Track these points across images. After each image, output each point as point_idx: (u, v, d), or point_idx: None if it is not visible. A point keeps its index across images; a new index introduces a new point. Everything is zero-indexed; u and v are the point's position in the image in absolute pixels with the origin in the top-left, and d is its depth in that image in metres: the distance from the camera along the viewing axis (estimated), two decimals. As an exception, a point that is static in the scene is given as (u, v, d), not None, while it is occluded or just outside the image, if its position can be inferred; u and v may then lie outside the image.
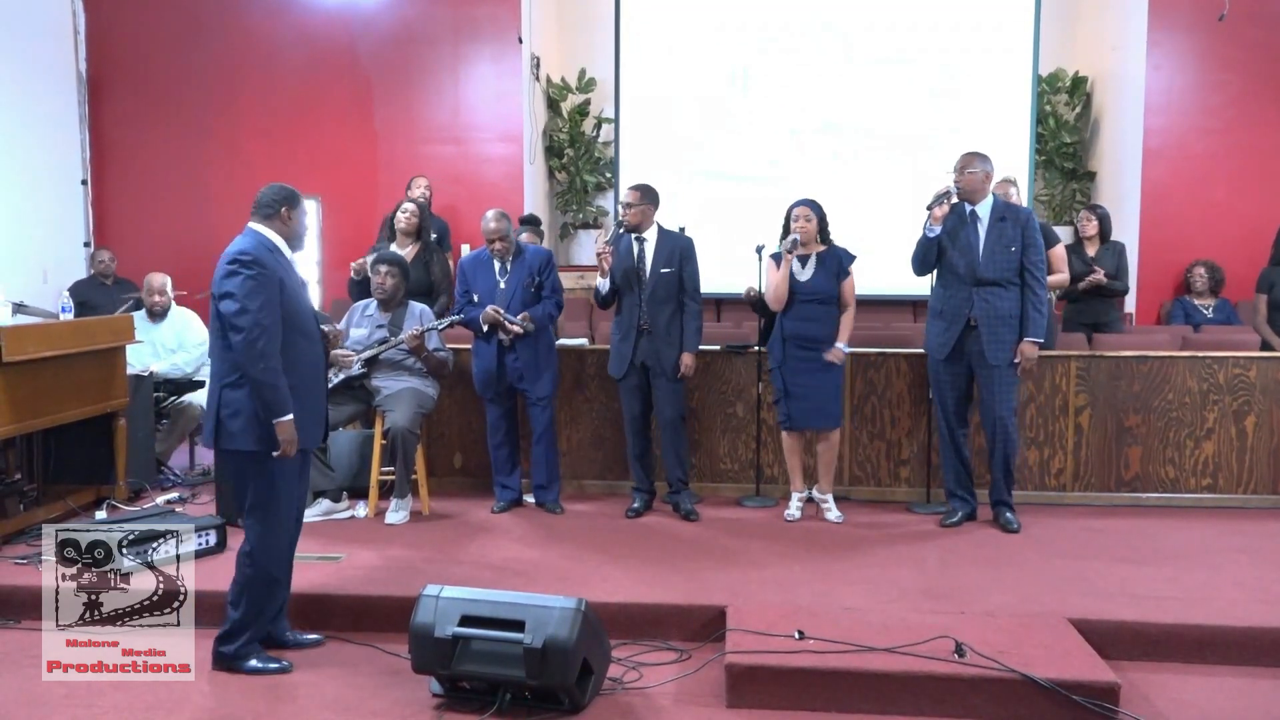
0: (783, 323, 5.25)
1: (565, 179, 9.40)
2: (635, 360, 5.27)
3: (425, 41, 8.67)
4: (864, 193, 8.25)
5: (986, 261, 4.97)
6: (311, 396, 3.68)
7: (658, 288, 5.26)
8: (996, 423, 5.04)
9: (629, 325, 5.28)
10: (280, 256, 3.60)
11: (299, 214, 3.68)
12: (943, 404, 5.19)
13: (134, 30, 8.83)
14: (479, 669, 3.27)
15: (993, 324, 4.97)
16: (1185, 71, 8.32)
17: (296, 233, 3.69)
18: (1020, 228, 4.99)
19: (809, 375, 5.17)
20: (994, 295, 4.97)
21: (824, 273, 5.18)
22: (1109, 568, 4.47)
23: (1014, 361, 4.99)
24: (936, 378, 5.20)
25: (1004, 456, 5.09)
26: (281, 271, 3.56)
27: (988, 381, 5.04)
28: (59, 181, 8.54)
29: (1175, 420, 5.60)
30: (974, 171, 5.01)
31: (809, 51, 8.52)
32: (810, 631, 3.57)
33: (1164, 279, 8.21)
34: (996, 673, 3.31)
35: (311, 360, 3.69)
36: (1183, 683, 3.58)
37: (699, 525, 5.20)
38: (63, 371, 4.98)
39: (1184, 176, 8.28)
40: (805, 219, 5.17)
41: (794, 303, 5.20)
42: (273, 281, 3.50)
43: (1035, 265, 4.99)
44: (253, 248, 3.53)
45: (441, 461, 5.90)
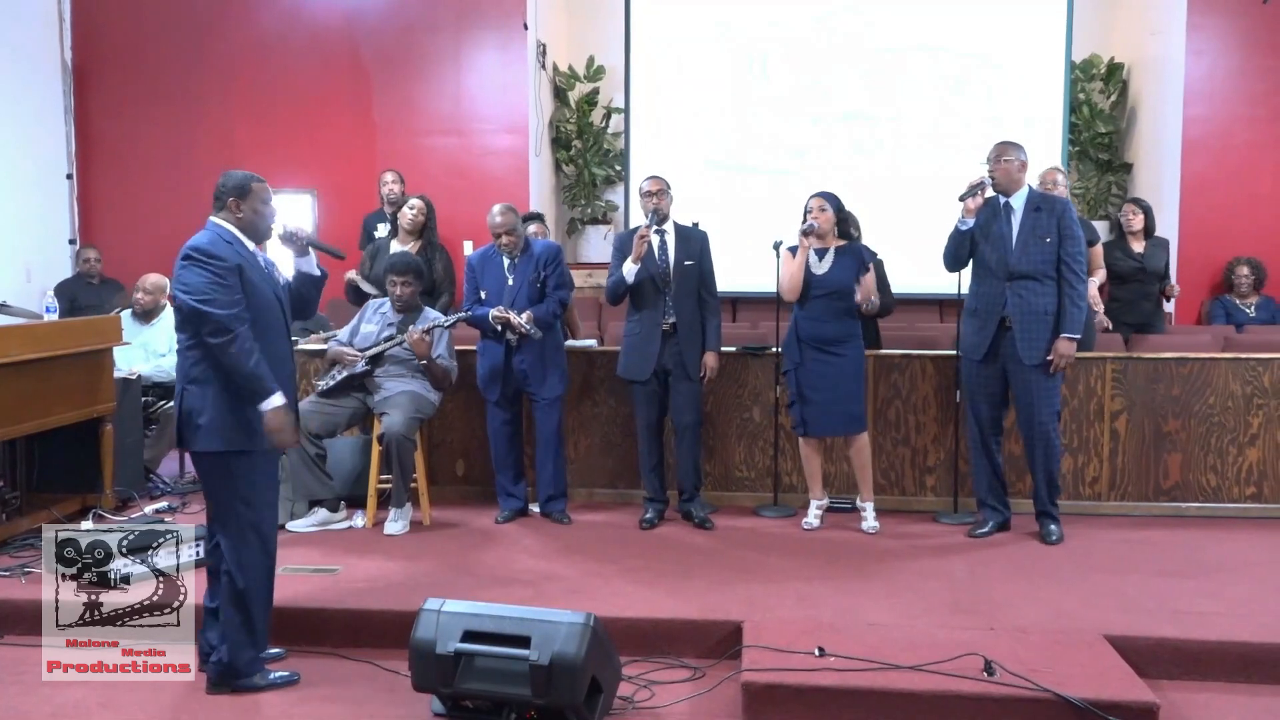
0: (798, 322, 5.25)
1: (573, 172, 9.41)
2: (660, 363, 5.27)
3: (426, 28, 8.69)
4: (888, 185, 8.25)
5: (1019, 254, 4.94)
6: (285, 390, 3.60)
7: (682, 284, 5.26)
8: (1036, 428, 5.00)
9: (653, 325, 5.27)
10: (240, 248, 3.56)
11: (251, 204, 3.60)
12: (975, 408, 5.16)
13: (122, 17, 8.87)
14: (483, 687, 3.27)
15: (1027, 321, 4.93)
16: (1228, 57, 8.29)
17: (251, 223, 3.61)
18: (1056, 218, 4.94)
19: (826, 379, 5.15)
20: (1028, 290, 4.93)
21: (841, 267, 5.17)
22: (1147, 581, 4.44)
23: (1048, 360, 4.95)
24: (970, 380, 5.17)
25: (1045, 465, 5.05)
26: (239, 260, 3.51)
27: (1024, 384, 5.00)
28: (43, 176, 8.58)
29: (1217, 425, 5.57)
30: (1009, 161, 4.98)
31: (831, 37, 8.52)
32: (831, 648, 3.56)
33: (1204, 276, 8.18)
34: (1029, 692, 3.29)
35: (276, 357, 3.60)
36: (1226, 703, 3.56)
37: (714, 536, 5.20)
38: (47, 374, 5.00)
39: (1226, 168, 8.25)
40: (820, 209, 5.18)
41: (809, 298, 5.20)
42: (229, 270, 3.46)
43: (1073, 257, 4.93)
44: (207, 242, 3.50)
45: (443, 469, 5.90)
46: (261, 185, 3.64)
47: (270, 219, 3.68)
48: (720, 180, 8.56)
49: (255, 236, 3.64)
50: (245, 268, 3.52)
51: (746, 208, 8.24)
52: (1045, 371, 4.97)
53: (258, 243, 3.65)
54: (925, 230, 5.90)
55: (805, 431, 5.28)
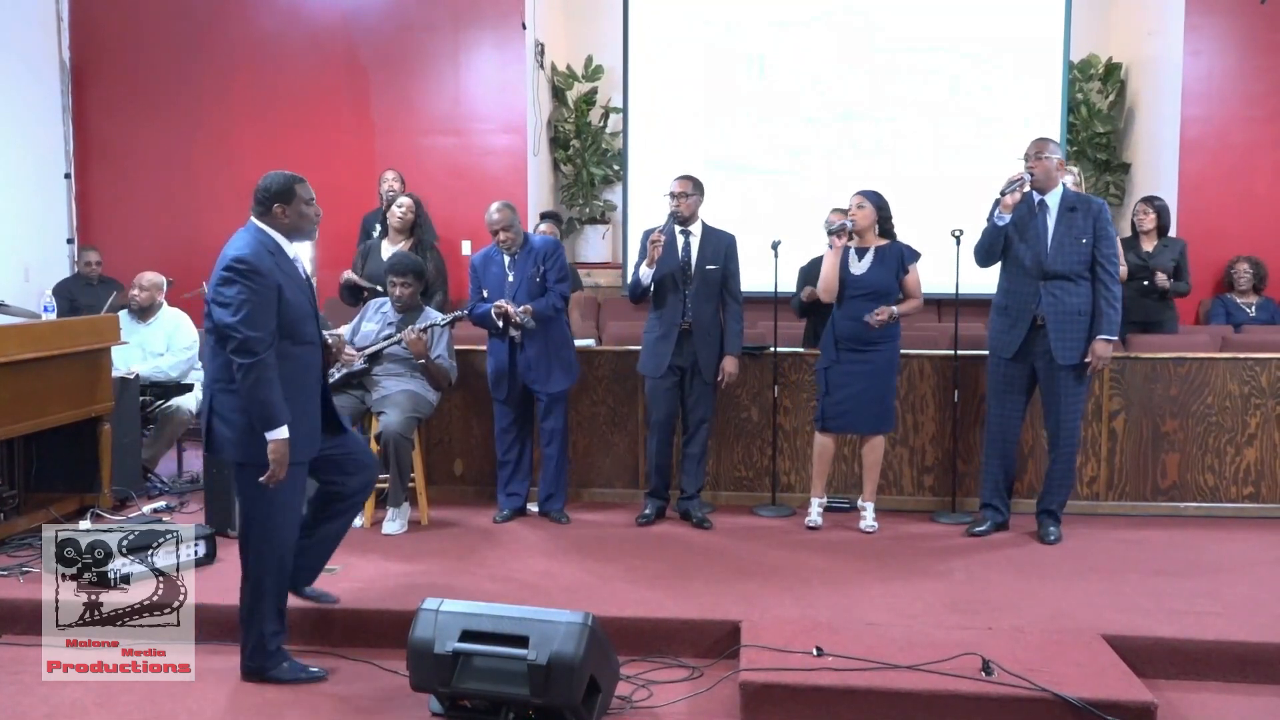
0: (835, 321, 5.23)
1: (571, 172, 9.42)
2: (675, 361, 5.27)
3: (424, 28, 8.69)
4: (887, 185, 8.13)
5: (1055, 253, 4.91)
6: (308, 406, 3.67)
7: (702, 285, 5.26)
8: (1063, 429, 5.00)
9: (671, 323, 5.27)
10: (281, 258, 3.58)
11: (295, 208, 3.62)
12: (1000, 407, 5.12)
13: (120, 16, 8.87)
14: (481, 687, 3.27)
15: (1061, 321, 4.90)
16: (1226, 57, 8.29)
17: (296, 226, 3.64)
18: (1092, 219, 4.91)
19: (860, 377, 5.13)
20: (1062, 290, 4.91)
21: (881, 268, 5.14)
22: (1145, 581, 4.45)
23: (1085, 361, 4.92)
24: (996, 377, 5.14)
25: (1066, 466, 5.06)
26: (280, 277, 3.53)
27: (1053, 385, 4.98)
28: (41, 175, 8.58)
29: (1215, 425, 5.57)
30: (1048, 158, 4.93)
31: (828, 37, 8.53)
32: (829, 648, 3.56)
33: (1203, 276, 8.16)
34: (1026, 692, 3.30)
35: (308, 368, 3.67)
36: (1223, 703, 3.57)
37: (713, 535, 5.20)
38: (45, 374, 5.00)
39: (1224, 168, 8.26)
40: (859, 206, 5.17)
41: (845, 297, 5.18)
42: (269, 289, 3.48)
43: (1108, 259, 4.90)
44: (251, 253, 3.49)
45: (441, 468, 5.90)
46: (303, 186, 3.65)
47: (313, 218, 3.70)
48: (718, 180, 8.48)
49: (298, 237, 3.68)
50: (284, 286, 3.53)
51: (744, 207, 8.23)
52: (1077, 373, 4.95)
53: (299, 242, 3.70)
54: (924, 230, 5.88)
55: (824, 426, 5.27)
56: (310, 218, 3.69)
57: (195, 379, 6.34)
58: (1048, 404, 5.07)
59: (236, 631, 3.70)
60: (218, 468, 5.07)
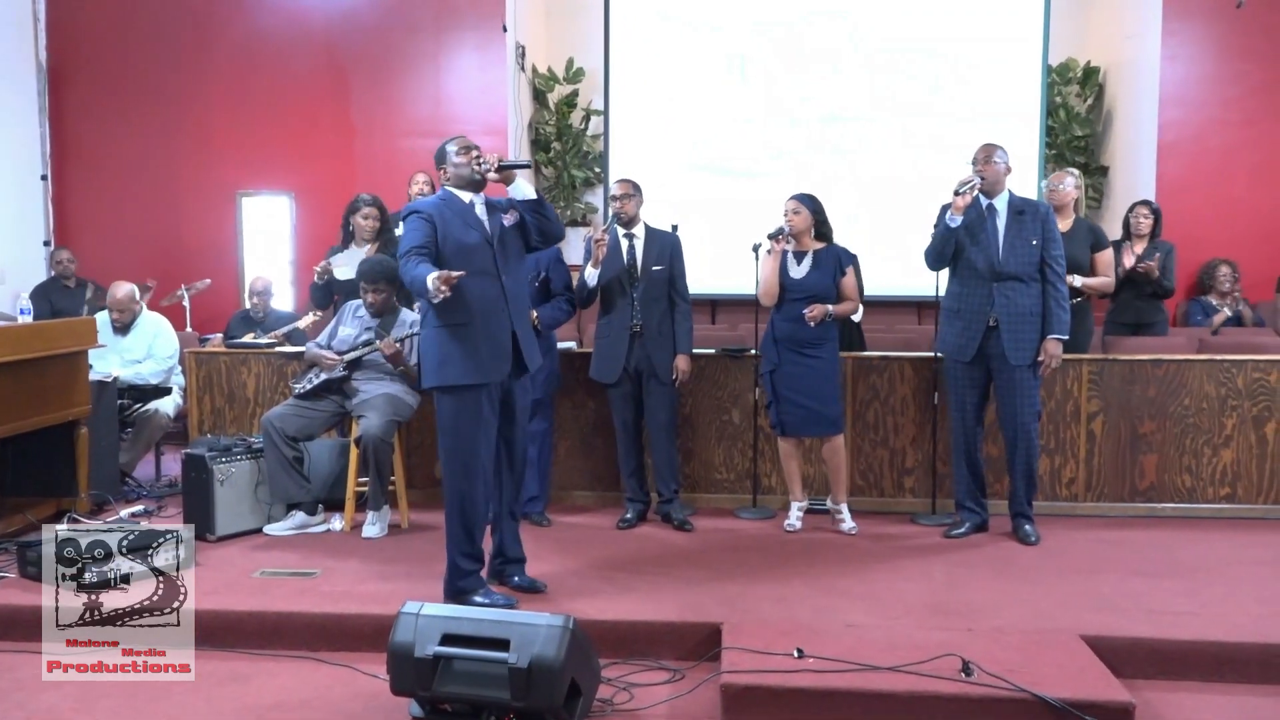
0: (775, 323, 5.27)
1: (552, 174, 9.41)
2: (629, 365, 5.28)
3: (405, 29, 8.67)
4: (867, 187, 8.30)
5: (1007, 255, 4.98)
6: (490, 329, 4.06)
7: (650, 287, 5.27)
8: (1019, 429, 5.05)
9: (620, 327, 5.29)
10: (454, 201, 4.16)
11: (450, 163, 4.22)
12: (960, 410, 5.18)
13: (97, 17, 8.82)
14: (461, 690, 3.26)
15: (1014, 322, 4.98)
16: (1202, 61, 8.38)
17: (458, 176, 4.20)
18: (1040, 222, 5.01)
19: (803, 380, 5.18)
20: (1015, 291, 4.99)
21: (819, 272, 5.19)
22: (1123, 581, 4.48)
23: (1038, 361, 5.01)
24: (954, 381, 5.20)
25: (1026, 464, 5.10)
26: (437, 213, 4.08)
27: (1009, 385, 5.04)
28: (17, 177, 8.53)
29: (1192, 427, 5.61)
30: (997, 163, 5.02)
31: (810, 39, 8.56)
32: (810, 649, 3.57)
33: (1180, 279, 8.22)
34: (1006, 692, 3.31)
35: (483, 295, 4.04)
36: (1200, 702, 3.59)
37: (693, 537, 5.21)
38: (21, 377, 4.96)
39: (1200, 171, 8.33)
40: (794, 211, 5.21)
41: (785, 300, 5.22)
42: (424, 219, 4.05)
43: (1055, 260, 5.01)
44: (421, 200, 4.39)
45: (421, 472, 5.88)
46: (453, 143, 4.24)
47: (468, 168, 4.18)
48: (699, 182, 8.57)
49: (469, 187, 4.20)
50: (438, 218, 4.07)
51: (726, 209, 8.26)
52: (1031, 372, 5.02)
53: (475, 191, 4.21)
54: (904, 231, 5.92)
55: (783, 432, 5.30)
56: (465, 168, 4.19)
57: (173, 384, 6.31)
58: (1003, 405, 5.11)
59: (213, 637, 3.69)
60: (196, 471, 5.05)
